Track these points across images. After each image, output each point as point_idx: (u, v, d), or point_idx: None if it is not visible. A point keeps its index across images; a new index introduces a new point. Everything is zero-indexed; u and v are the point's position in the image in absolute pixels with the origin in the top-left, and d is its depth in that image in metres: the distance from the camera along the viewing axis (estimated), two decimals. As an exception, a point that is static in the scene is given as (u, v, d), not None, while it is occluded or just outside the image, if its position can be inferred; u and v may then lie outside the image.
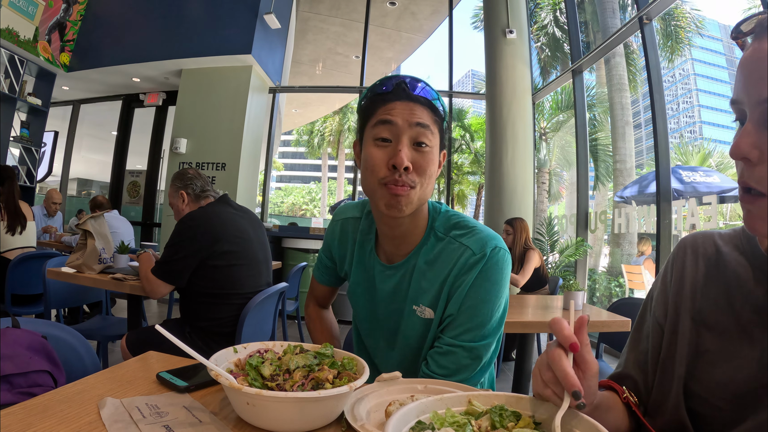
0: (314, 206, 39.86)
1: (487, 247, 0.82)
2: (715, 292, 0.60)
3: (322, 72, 9.82)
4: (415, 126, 0.79)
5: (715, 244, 0.63)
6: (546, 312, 2.08)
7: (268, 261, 2.02)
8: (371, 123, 0.82)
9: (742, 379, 0.54)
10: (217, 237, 1.78)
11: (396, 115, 0.79)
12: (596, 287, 7.96)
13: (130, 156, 6.41)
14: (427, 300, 0.86)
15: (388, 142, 0.79)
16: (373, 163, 0.80)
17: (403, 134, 0.79)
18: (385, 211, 0.80)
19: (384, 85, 0.82)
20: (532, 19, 11.46)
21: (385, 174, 0.79)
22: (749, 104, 0.47)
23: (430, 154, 0.80)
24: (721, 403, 0.55)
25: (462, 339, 0.83)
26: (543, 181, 11.61)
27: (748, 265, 0.58)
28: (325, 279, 1.10)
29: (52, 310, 2.37)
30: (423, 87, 0.82)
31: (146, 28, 5.38)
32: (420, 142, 0.79)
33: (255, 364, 0.64)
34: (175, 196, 2.01)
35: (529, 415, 0.53)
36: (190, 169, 2.07)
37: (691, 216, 3.45)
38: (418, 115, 0.79)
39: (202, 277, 1.78)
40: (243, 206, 2.01)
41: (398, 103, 0.80)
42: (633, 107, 11.66)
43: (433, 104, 0.82)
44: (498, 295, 0.83)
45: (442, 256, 0.86)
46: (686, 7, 10.86)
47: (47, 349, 0.83)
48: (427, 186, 0.82)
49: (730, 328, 0.57)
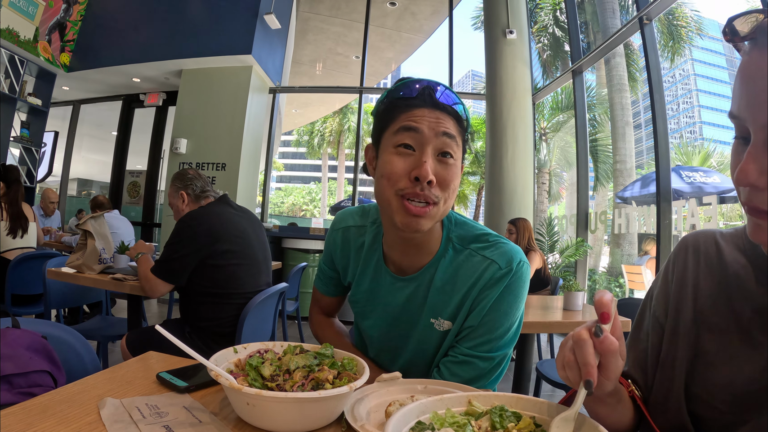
0: (314, 206, 39.86)
1: (513, 262, 0.80)
2: (715, 292, 0.60)
3: (322, 72, 9.83)
4: (442, 136, 0.73)
5: (717, 243, 0.63)
6: (546, 312, 2.07)
7: (267, 261, 2.02)
8: (392, 129, 0.75)
9: (742, 381, 0.53)
10: (216, 236, 1.77)
11: (422, 123, 0.73)
12: (596, 288, 7.96)
13: (130, 156, 6.41)
14: (447, 314, 0.84)
15: (411, 151, 0.73)
16: (391, 171, 0.74)
17: (428, 144, 0.73)
18: (401, 227, 0.75)
19: (407, 89, 0.76)
20: (532, 19, 11.46)
21: (406, 185, 0.73)
22: (752, 124, 0.45)
23: (454, 167, 0.75)
24: (722, 405, 0.55)
25: (480, 350, 0.82)
26: (543, 181, 11.61)
27: (749, 265, 0.58)
28: (330, 290, 1.04)
29: (52, 311, 2.37)
30: (448, 93, 0.76)
31: (146, 28, 5.39)
32: (446, 152, 0.74)
33: (255, 364, 0.64)
34: (175, 196, 2.01)
35: (529, 416, 0.53)
36: (190, 169, 2.07)
37: (691, 216, 3.45)
38: (444, 124, 0.74)
39: (202, 277, 1.78)
40: (243, 206, 2.02)
41: (424, 110, 0.74)
42: (633, 107, 11.67)
43: (458, 113, 0.76)
44: (519, 307, 0.82)
45: (464, 269, 0.83)
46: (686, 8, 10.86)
47: (47, 349, 0.83)
48: (449, 201, 0.76)
49: (731, 329, 0.56)
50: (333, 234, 0.99)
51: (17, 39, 4.85)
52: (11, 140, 5.12)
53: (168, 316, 4.17)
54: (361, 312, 0.97)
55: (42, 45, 5.18)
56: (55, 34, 5.36)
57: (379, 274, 0.91)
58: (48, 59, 5.28)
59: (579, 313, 2.04)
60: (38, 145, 5.51)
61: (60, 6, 5.35)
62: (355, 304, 0.97)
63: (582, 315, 2.01)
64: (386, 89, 0.80)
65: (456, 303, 0.83)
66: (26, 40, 4.97)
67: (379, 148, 0.79)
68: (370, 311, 0.94)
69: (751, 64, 0.44)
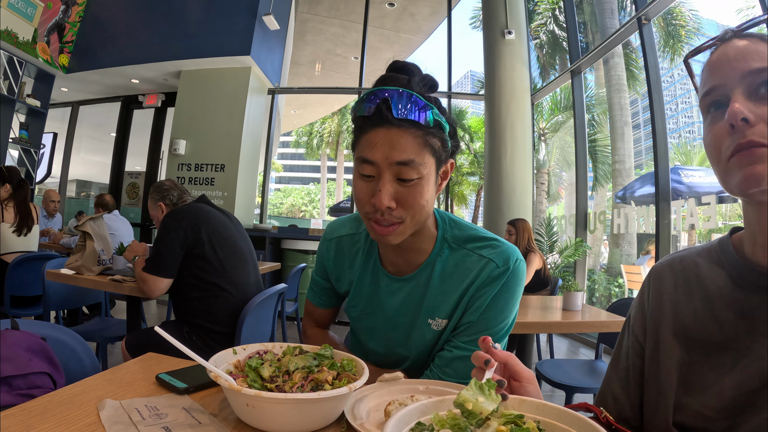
0: (313, 207, 39.84)
1: (510, 261, 0.82)
2: (695, 304, 0.60)
3: (321, 73, 9.83)
4: (395, 165, 0.72)
5: (693, 260, 0.64)
6: (546, 312, 2.08)
7: (251, 252, 2.07)
8: (356, 152, 0.76)
9: (730, 386, 0.53)
10: (198, 226, 1.84)
11: (376, 152, 0.72)
12: (595, 288, 7.96)
13: (129, 157, 6.41)
14: (444, 312, 0.85)
15: (372, 177, 0.74)
16: (357, 196, 0.77)
17: (384, 172, 0.72)
18: (377, 240, 0.80)
19: (364, 105, 0.73)
20: (531, 19, 11.47)
21: (369, 210, 0.75)
22: (730, 83, 0.51)
23: (417, 186, 0.74)
24: (710, 412, 0.55)
25: (476, 344, 0.82)
26: (542, 181, 11.61)
27: (728, 275, 0.58)
28: (324, 302, 1.03)
29: (52, 312, 2.36)
30: (409, 103, 0.71)
31: (145, 29, 5.38)
32: (403, 179, 0.73)
33: (254, 365, 0.64)
34: (154, 207, 2.08)
35: (534, 419, 0.53)
36: (166, 180, 2.15)
37: (690, 216, 3.45)
38: (400, 148, 0.71)
39: (191, 267, 1.81)
40: (220, 206, 2.10)
41: (380, 132, 0.72)
42: (632, 107, 11.68)
43: (420, 124, 0.72)
44: (515, 304, 0.85)
45: (461, 268, 0.84)
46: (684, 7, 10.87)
47: (46, 350, 0.83)
48: (418, 216, 0.76)
49: (714, 337, 0.57)
50: (325, 244, 0.99)
51: (16, 40, 4.84)
52: (10, 141, 5.12)
53: (167, 318, 4.16)
54: (356, 319, 0.97)
55: (41, 46, 5.17)
56: (54, 36, 5.36)
57: (376, 277, 0.92)
58: (47, 60, 5.28)
59: (578, 314, 2.04)
60: (37, 147, 5.51)
61: (59, 7, 5.35)
62: (354, 309, 0.97)
63: (581, 315, 2.02)
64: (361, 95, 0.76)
65: (453, 301, 0.84)
66: (25, 42, 4.96)
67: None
68: (369, 315, 0.94)
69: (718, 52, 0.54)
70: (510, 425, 0.48)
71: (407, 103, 0.71)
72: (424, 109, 0.72)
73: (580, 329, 2.16)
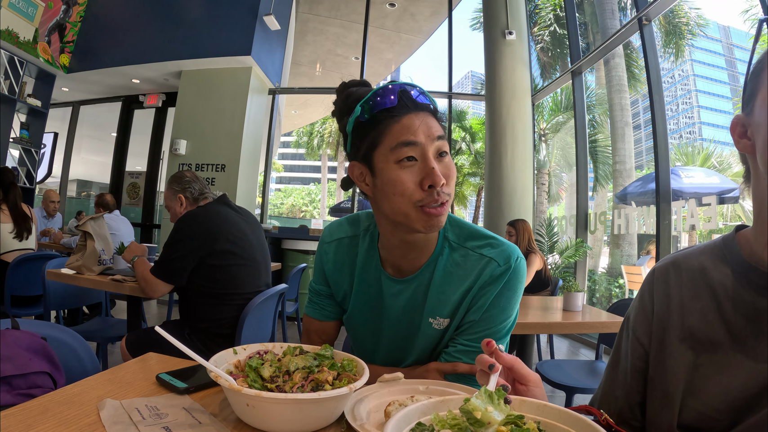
0: (314, 207, 39.87)
1: (511, 260, 0.83)
2: (702, 305, 0.60)
3: (322, 73, 9.84)
4: (437, 140, 0.76)
5: (697, 260, 0.63)
6: (546, 313, 2.08)
7: (267, 262, 2.01)
8: (386, 145, 0.75)
9: (737, 388, 0.53)
10: (215, 236, 1.76)
11: (418, 134, 0.75)
12: (596, 288, 7.95)
13: (129, 157, 6.41)
14: (445, 312, 0.85)
15: (414, 161, 0.75)
16: (404, 188, 0.75)
17: (428, 150, 0.75)
18: (425, 231, 0.77)
19: (385, 98, 0.75)
20: (531, 19, 11.47)
21: (422, 196, 0.75)
22: None
23: (451, 160, 0.79)
24: (716, 413, 0.55)
25: (479, 342, 0.83)
26: (543, 182, 11.60)
27: (734, 273, 0.58)
28: (326, 313, 0.97)
29: (52, 312, 2.36)
30: (422, 93, 0.78)
31: (146, 29, 5.39)
32: (443, 152, 0.77)
33: (255, 365, 0.64)
34: (172, 199, 1.97)
35: (534, 420, 0.53)
36: (187, 171, 2.04)
37: (690, 216, 3.45)
38: (434, 126, 0.76)
39: (201, 277, 1.77)
40: (242, 207, 2.00)
41: (411, 116, 0.75)
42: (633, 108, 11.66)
43: (436, 110, 0.79)
44: (516, 303, 0.85)
45: (461, 267, 0.84)
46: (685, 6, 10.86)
47: (47, 350, 0.83)
48: (453, 192, 0.80)
49: (722, 339, 0.57)
50: (324, 247, 0.96)
51: (17, 40, 4.85)
52: (11, 141, 5.12)
53: (168, 317, 4.16)
54: (357, 326, 0.96)
55: (41, 46, 5.18)
56: (55, 36, 5.36)
57: (378, 279, 0.91)
58: (47, 60, 5.28)
59: (579, 314, 2.04)
60: (38, 147, 5.51)
61: (59, 7, 5.35)
62: (351, 318, 0.95)
63: (581, 316, 2.01)
64: (359, 104, 0.78)
65: (455, 300, 0.84)
66: (26, 42, 4.97)
67: (372, 165, 0.78)
68: (371, 318, 0.93)
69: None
70: (510, 425, 0.47)
71: (418, 93, 0.77)
72: (434, 101, 0.79)
73: (581, 330, 2.16)
